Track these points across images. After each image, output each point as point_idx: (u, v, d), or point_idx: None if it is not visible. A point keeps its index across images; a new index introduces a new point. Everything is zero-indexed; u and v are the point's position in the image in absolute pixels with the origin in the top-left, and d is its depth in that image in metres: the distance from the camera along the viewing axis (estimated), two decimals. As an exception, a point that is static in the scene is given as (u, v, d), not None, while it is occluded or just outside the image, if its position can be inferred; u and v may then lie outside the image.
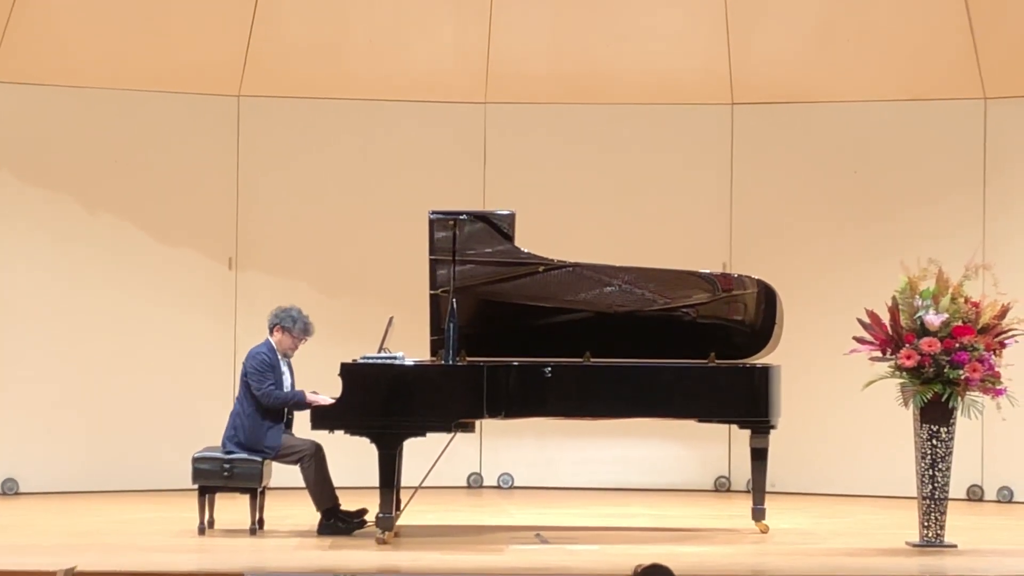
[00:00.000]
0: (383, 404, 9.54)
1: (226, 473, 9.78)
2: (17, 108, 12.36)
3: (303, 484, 9.94)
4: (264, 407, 9.86)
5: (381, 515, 9.45)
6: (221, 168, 12.78)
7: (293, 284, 12.62)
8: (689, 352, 10.05)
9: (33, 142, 12.40)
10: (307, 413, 9.74)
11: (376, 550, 9.24)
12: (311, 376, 10.17)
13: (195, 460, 9.84)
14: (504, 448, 12.83)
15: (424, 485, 10.17)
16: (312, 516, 9.96)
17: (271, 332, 10.07)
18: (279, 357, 10.02)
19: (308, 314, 10.14)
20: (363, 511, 9.89)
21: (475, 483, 12.94)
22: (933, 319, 9.29)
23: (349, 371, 9.57)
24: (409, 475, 10.10)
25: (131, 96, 12.53)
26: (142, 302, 12.54)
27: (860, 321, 9.53)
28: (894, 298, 9.47)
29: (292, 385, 10.05)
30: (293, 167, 12.89)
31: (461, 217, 9.96)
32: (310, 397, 9.75)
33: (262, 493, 9.92)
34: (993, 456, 12.21)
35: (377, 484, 9.46)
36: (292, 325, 10.04)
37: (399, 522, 9.84)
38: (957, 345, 9.26)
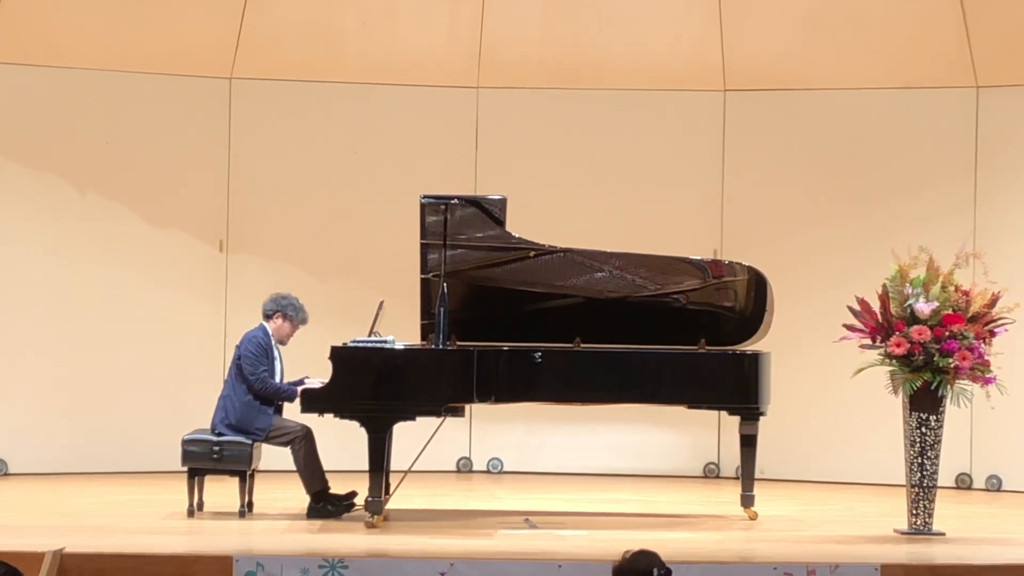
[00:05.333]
0: (373, 388, 9.54)
1: (215, 455, 9.78)
2: (7, 89, 12.32)
3: (293, 467, 9.94)
4: (254, 391, 9.86)
5: (370, 499, 9.46)
6: (212, 150, 12.76)
7: (284, 267, 12.61)
8: (679, 338, 10.05)
9: (24, 123, 12.37)
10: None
11: (365, 533, 9.25)
12: (301, 360, 10.18)
13: (185, 442, 9.83)
14: (494, 433, 12.84)
15: (413, 469, 10.18)
16: (301, 499, 9.96)
17: (269, 319, 10.05)
18: (273, 342, 10.02)
19: (298, 296, 10.17)
20: (352, 494, 9.89)
21: (464, 467, 12.95)
22: (923, 307, 9.30)
23: (339, 354, 9.57)
24: (399, 459, 10.10)
25: (123, 77, 12.51)
26: (132, 284, 12.53)
27: (850, 308, 9.53)
28: (884, 286, 9.48)
29: (283, 371, 10.05)
30: (285, 150, 12.87)
31: (452, 201, 9.95)
32: (301, 388, 9.74)
33: (251, 476, 9.92)
34: (982, 444, 12.23)
35: (366, 468, 9.47)
36: (295, 314, 10.05)
37: (388, 506, 9.85)
38: (947, 333, 9.27)
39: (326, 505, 9.85)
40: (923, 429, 9.39)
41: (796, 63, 12.76)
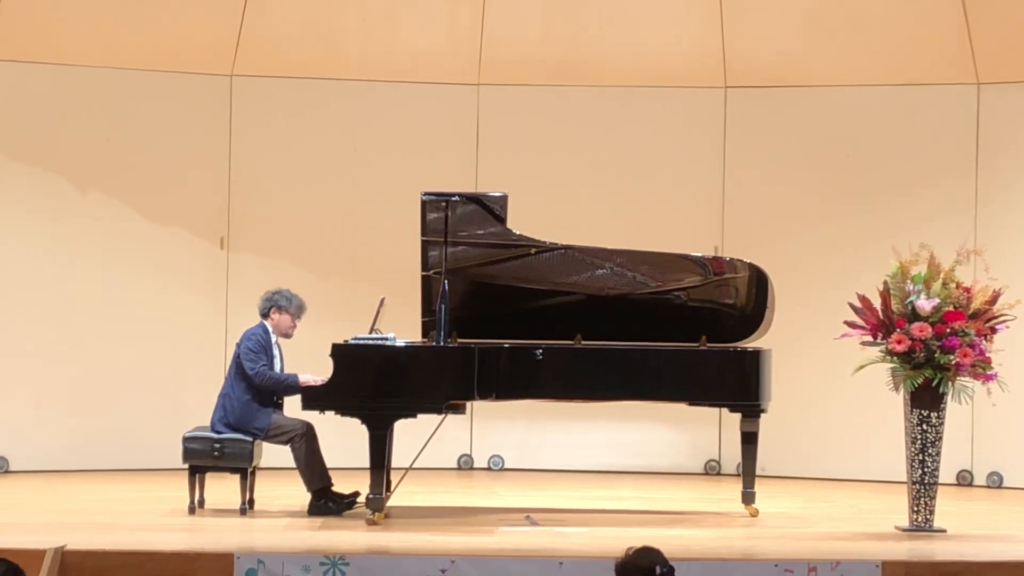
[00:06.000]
0: (374, 385, 9.54)
1: (216, 453, 9.78)
2: (8, 86, 12.32)
3: (294, 464, 9.93)
4: (256, 388, 9.84)
5: (371, 496, 9.46)
6: (213, 148, 12.76)
7: (285, 264, 12.61)
8: (680, 335, 10.04)
9: (24, 121, 12.36)
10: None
11: (366, 531, 9.25)
12: (302, 357, 10.17)
13: (185, 439, 9.83)
14: (495, 430, 12.84)
15: (414, 466, 10.18)
16: (302, 496, 9.96)
17: (266, 316, 10.04)
18: (273, 340, 10.01)
19: (298, 294, 10.17)
20: (355, 494, 9.88)
21: (465, 465, 12.94)
22: (924, 304, 9.30)
23: (340, 352, 9.57)
24: (400, 456, 10.10)
25: (123, 75, 12.50)
26: (133, 281, 12.52)
27: (851, 305, 9.53)
28: (885, 283, 9.47)
29: (282, 369, 10.04)
30: (285, 147, 12.87)
31: (453, 198, 9.95)
32: (303, 379, 9.72)
33: (252, 473, 9.92)
34: (983, 441, 12.22)
35: (367, 465, 9.47)
36: (288, 304, 10.03)
37: (389, 503, 9.85)
38: (948, 330, 9.26)
39: (327, 502, 9.85)
40: (924, 426, 9.39)
41: (797, 60, 12.75)
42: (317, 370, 9.79)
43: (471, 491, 11.81)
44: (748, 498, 10.03)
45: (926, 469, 9.41)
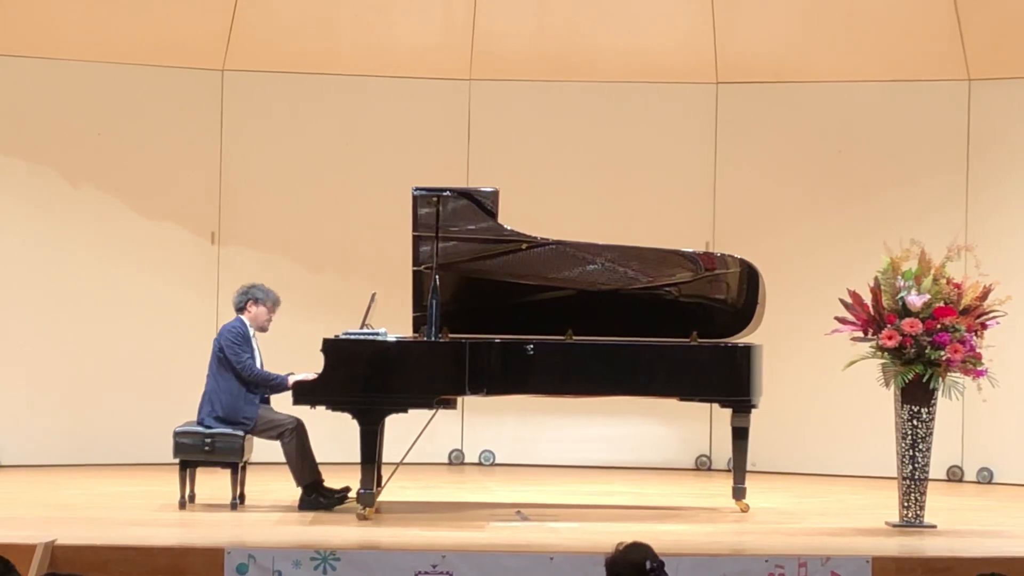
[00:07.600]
0: (365, 380, 9.54)
1: (207, 447, 9.77)
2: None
3: (284, 459, 9.93)
4: (242, 380, 9.84)
5: (362, 491, 9.46)
6: (205, 142, 12.75)
7: (276, 259, 12.60)
8: (671, 331, 10.05)
9: (16, 114, 12.35)
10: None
11: (357, 526, 9.25)
12: (293, 352, 10.17)
13: (176, 434, 9.83)
14: (486, 425, 12.84)
15: (405, 461, 10.18)
16: (293, 491, 9.96)
17: (243, 310, 10.04)
18: (251, 333, 10.02)
19: (289, 288, 10.17)
20: (346, 490, 9.88)
21: (456, 460, 12.94)
22: (915, 300, 9.31)
23: (331, 346, 9.57)
24: (390, 451, 10.09)
25: (114, 69, 12.49)
26: (124, 276, 12.51)
27: (842, 301, 9.54)
28: (876, 278, 9.48)
29: (262, 364, 10.03)
30: (277, 142, 12.86)
31: (445, 194, 9.94)
32: (292, 380, 9.72)
33: (243, 468, 9.92)
34: (973, 437, 12.24)
35: (358, 460, 9.47)
36: (264, 296, 10.04)
37: (380, 498, 9.85)
38: (939, 326, 9.27)
39: (318, 497, 9.85)
40: (915, 422, 9.40)
41: (789, 56, 12.76)
42: (307, 365, 9.79)
43: (462, 486, 11.82)
44: (739, 493, 10.03)
45: (916, 465, 9.42)
